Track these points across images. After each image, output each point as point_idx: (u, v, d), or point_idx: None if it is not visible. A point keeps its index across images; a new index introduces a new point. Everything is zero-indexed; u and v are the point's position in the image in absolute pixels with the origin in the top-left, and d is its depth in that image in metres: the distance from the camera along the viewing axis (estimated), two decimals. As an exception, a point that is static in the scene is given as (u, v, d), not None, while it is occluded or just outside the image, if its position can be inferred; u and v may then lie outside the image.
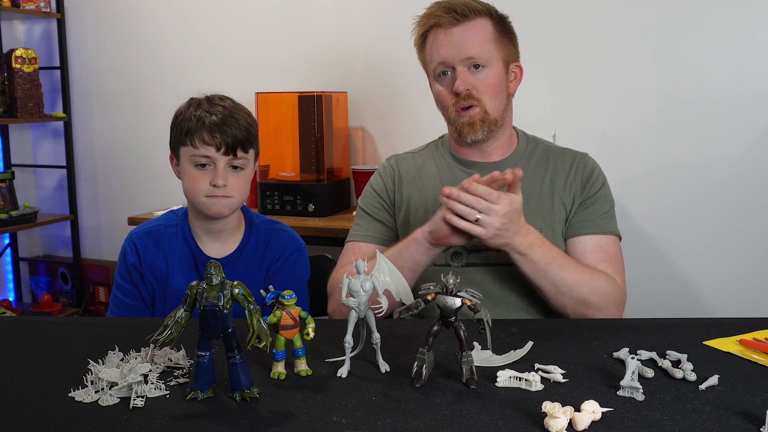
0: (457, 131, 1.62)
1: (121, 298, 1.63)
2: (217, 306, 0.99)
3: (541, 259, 1.44)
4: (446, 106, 1.63)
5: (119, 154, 3.51)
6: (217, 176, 1.53)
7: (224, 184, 1.53)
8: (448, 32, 1.59)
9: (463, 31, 1.58)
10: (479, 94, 1.59)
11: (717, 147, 2.53)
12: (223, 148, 1.52)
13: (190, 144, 1.53)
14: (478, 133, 1.60)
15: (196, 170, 1.54)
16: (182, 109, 1.59)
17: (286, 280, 1.63)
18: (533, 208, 1.60)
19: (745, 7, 2.47)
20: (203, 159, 1.53)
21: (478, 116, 1.59)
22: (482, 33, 1.59)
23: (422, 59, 1.69)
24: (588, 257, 1.57)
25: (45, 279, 3.70)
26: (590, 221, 1.61)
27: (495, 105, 1.61)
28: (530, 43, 1.85)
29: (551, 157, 1.68)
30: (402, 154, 1.80)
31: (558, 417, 0.90)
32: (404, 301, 1.17)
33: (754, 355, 1.17)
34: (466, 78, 1.58)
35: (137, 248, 1.63)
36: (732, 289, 2.55)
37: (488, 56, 1.59)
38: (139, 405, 1.00)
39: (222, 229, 1.62)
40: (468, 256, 1.60)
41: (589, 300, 1.48)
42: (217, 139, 1.51)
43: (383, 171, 1.76)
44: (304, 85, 3.02)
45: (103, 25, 3.45)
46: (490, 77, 1.60)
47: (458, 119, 1.60)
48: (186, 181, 1.57)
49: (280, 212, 2.78)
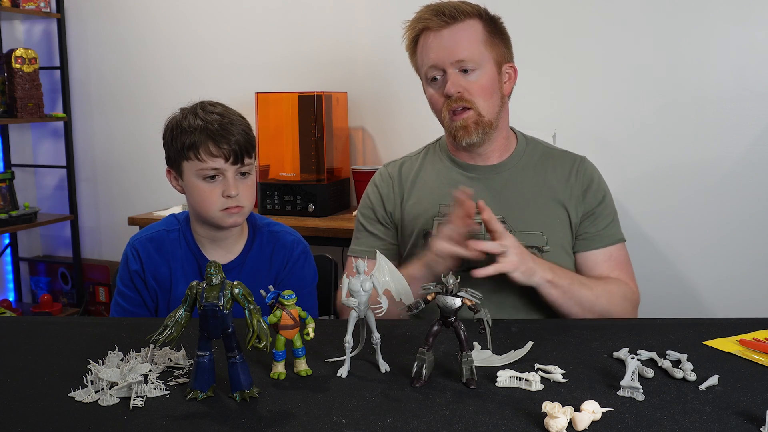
0: (451, 135, 1.61)
1: (123, 305, 1.61)
2: (217, 306, 0.99)
3: (564, 281, 1.46)
4: (439, 110, 1.62)
5: (119, 154, 3.52)
6: (229, 187, 1.49)
7: (237, 194, 1.49)
8: (437, 35, 1.58)
9: (452, 33, 1.57)
10: (471, 96, 1.57)
11: (717, 147, 2.53)
12: (232, 158, 1.48)
13: (196, 158, 1.48)
14: (473, 136, 1.58)
15: (205, 184, 1.50)
16: (177, 121, 1.52)
17: (298, 284, 1.60)
18: (532, 210, 1.61)
19: (745, 7, 2.47)
20: (212, 171, 1.49)
21: (471, 119, 1.57)
22: (472, 34, 1.58)
23: (414, 63, 1.68)
24: (600, 268, 1.61)
25: (45, 279, 3.70)
26: (599, 236, 1.63)
27: (488, 107, 1.59)
28: (530, 42, 1.85)
29: (550, 159, 1.68)
30: (398, 160, 1.77)
31: (558, 417, 0.90)
32: (404, 301, 1.17)
33: (754, 355, 1.17)
34: (457, 80, 1.57)
35: (140, 255, 1.60)
36: (732, 289, 2.55)
37: (479, 58, 1.57)
38: (139, 405, 1.00)
39: (227, 236, 1.60)
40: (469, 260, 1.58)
41: (611, 310, 1.52)
42: (225, 150, 1.47)
43: (379, 180, 1.74)
44: (304, 85, 3.02)
45: (103, 25, 3.45)
46: (482, 79, 1.58)
47: (452, 123, 1.59)
48: (195, 195, 1.52)
49: (280, 212, 2.78)
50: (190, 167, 1.50)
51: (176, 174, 1.56)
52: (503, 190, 1.64)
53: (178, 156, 1.51)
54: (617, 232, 1.66)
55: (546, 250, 1.58)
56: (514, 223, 1.59)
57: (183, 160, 1.51)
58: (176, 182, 1.58)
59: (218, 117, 1.49)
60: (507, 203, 1.61)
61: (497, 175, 1.65)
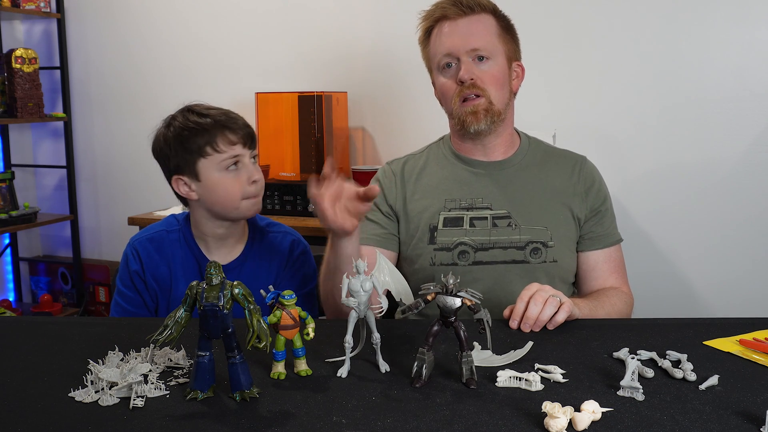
0: (459, 122, 1.62)
1: (123, 305, 1.61)
2: (217, 306, 0.99)
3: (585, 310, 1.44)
4: (450, 97, 1.63)
5: (119, 154, 3.51)
6: (252, 171, 1.53)
7: (261, 177, 1.54)
8: (453, 24, 1.61)
9: (469, 22, 1.61)
10: (484, 84, 1.60)
11: (717, 147, 2.53)
12: (249, 142, 1.53)
13: (215, 151, 1.50)
14: (482, 122, 1.60)
15: (227, 174, 1.51)
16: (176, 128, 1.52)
17: (298, 285, 1.61)
18: (537, 206, 1.63)
19: (745, 7, 2.47)
20: (233, 159, 1.51)
21: (482, 106, 1.60)
22: (487, 26, 1.62)
23: (426, 55, 1.70)
24: (600, 268, 1.66)
25: (45, 279, 3.70)
26: (602, 236, 1.67)
27: (499, 96, 1.62)
28: (531, 42, 1.85)
29: (552, 159, 1.71)
30: (401, 158, 1.78)
31: (558, 417, 0.90)
32: (404, 301, 1.17)
33: (754, 355, 1.17)
34: (470, 68, 1.59)
35: (140, 255, 1.60)
36: (732, 289, 2.55)
37: (493, 49, 1.61)
38: (139, 405, 1.00)
39: (231, 234, 1.60)
40: (475, 255, 1.61)
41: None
42: (240, 134, 1.51)
43: (382, 176, 1.75)
44: (304, 85, 3.02)
45: (103, 25, 3.45)
46: (494, 69, 1.61)
47: (462, 109, 1.61)
48: (219, 190, 1.51)
49: (280, 212, 2.78)
50: (208, 164, 1.51)
51: (189, 178, 1.53)
52: (508, 185, 1.66)
53: (192, 157, 1.51)
54: (616, 232, 1.70)
55: (551, 245, 1.61)
56: (520, 218, 1.62)
57: (199, 159, 1.51)
58: (189, 188, 1.55)
59: (217, 110, 1.54)
60: (512, 198, 1.64)
61: (502, 171, 1.67)
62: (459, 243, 1.62)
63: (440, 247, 1.62)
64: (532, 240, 1.61)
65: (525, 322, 1.31)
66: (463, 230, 1.62)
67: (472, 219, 1.62)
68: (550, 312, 1.30)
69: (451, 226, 1.63)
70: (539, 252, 1.60)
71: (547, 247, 1.60)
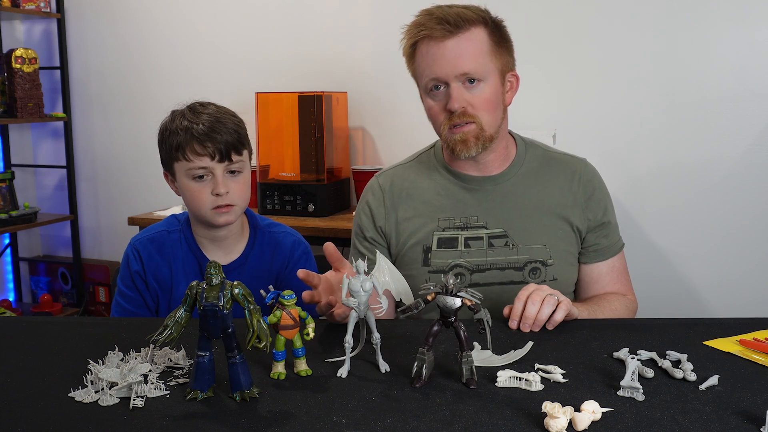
0: (449, 148, 1.54)
1: (124, 305, 1.61)
2: (217, 306, 0.99)
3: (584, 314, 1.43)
4: (439, 123, 1.54)
5: (119, 154, 3.52)
6: (217, 185, 1.50)
7: (226, 192, 1.50)
8: (440, 45, 1.48)
9: (457, 44, 1.47)
10: (475, 111, 1.50)
11: (717, 147, 2.53)
12: (218, 156, 1.49)
13: (183, 158, 1.50)
14: (472, 150, 1.51)
15: (195, 183, 1.52)
16: (166, 123, 1.55)
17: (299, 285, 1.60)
18: (535, 222, 1.57)
19: (745, 6, 2.47)
20: (200, 171, 1.50)
21: (472, 134, 1.50)
22: (477, 45, 1.49)
23: (412, 70, 1.58)
24: (603, 280, 1.61)
25: (45, 279, 3.70)
26: (605, 248, 1.61)
27: (491, 120, 1.52)
28: (530, 42, 1.85)
29: (551, 165, 1.63)
30: (391, 169, 1.69)
31: (558, 417, 0.90)
32: (404, 301, 1.17)
33: (754, 355, 1.17)
34: (460, 95, 1.49)
35: (140, 255, 1.60)
36: (732, 289, 2.55)
37: (484, 70, 1.49)
38: (139, 405, 1.00)
39: (227, 236, 1.60)
40: (471, 277, 1.55)
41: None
42: (210, 148, 1.48)
43: (370, 196, 1.66)
44: (304, 85, 3.02)
45: (103, 25, 3.45)
46: (486, 92, 1.50)
47: (451, 136, 1.51)
48: (187, 195, 1.54)
49: (280, 212, 2.78)
50: (180, 168, 1.53)
51: (171, 176, 1.58)
52: (504, 201, 1.58)
53: (169, 158, 1.54)
54: (618, 240, 1.65)
55: (550, 264, 1.55)
56: (517, 237, 1.55)
57: (173, 162, 1.53)
58: (172, 184, 1.60)
59: (207, 117, 1.51)
60: (509, 216, 1.57)
61: (497, 187, 1.59)
62: (454, 265, 1.55)
63: (435, 269, 1.55)
64: (531, 260, 1.54)
65: (524, 322, 1.30)
66: (458, 251, 1.55)
67: (467, 239, 1.55)
68: (548, 311, 1.30)
69: (445, 247, 1.56)
70: (538, 272, 1.54)
71: (546, 266, 1.54)
